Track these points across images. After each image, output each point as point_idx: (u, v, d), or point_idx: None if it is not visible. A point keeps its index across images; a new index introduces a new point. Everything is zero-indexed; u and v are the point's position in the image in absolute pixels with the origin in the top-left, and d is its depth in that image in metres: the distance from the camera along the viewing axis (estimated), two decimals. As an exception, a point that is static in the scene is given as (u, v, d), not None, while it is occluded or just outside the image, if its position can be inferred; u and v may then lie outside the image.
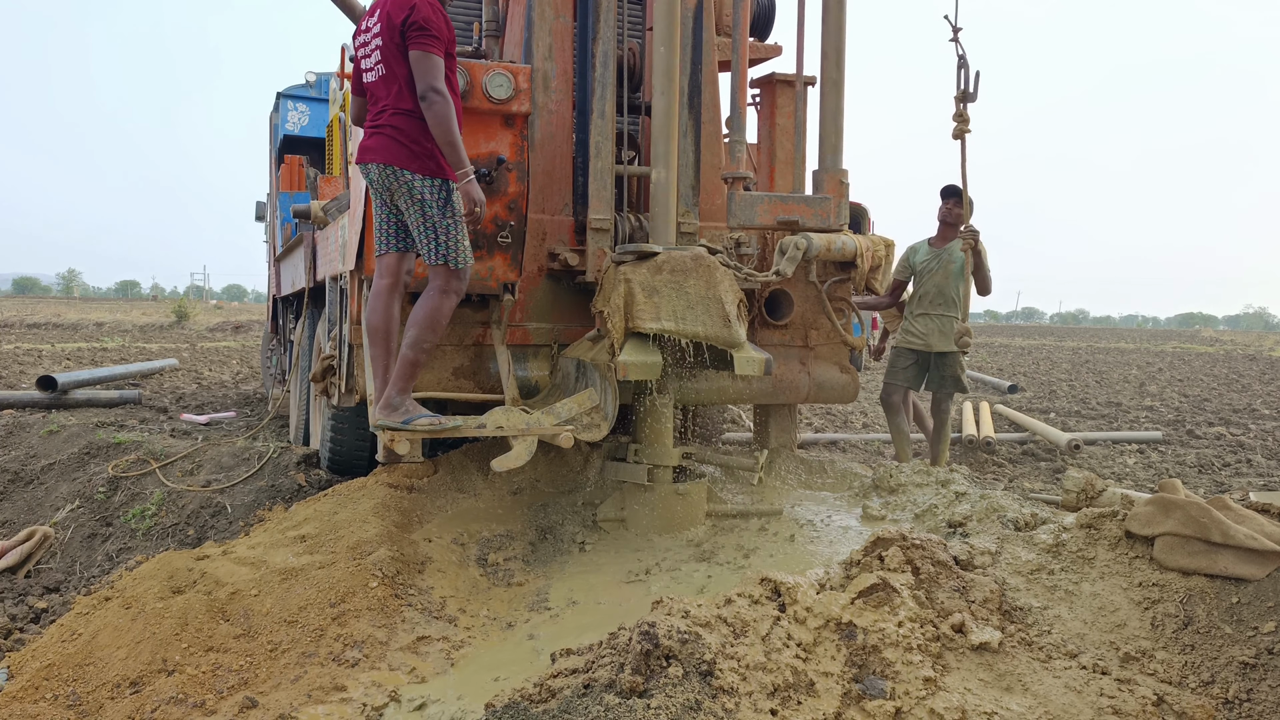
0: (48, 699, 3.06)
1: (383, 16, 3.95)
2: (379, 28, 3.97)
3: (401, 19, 3.85)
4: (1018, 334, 54.64)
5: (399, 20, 3.86)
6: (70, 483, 5.94)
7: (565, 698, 2.48)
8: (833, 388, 5.40)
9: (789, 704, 2.56)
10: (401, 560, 3.87)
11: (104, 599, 3.60)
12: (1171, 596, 3.09)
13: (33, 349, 18.19)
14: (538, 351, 4.98)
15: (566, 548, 4.34)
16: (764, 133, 5.80)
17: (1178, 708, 2.78)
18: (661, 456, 4.47)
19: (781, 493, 5.02)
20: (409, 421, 4.01)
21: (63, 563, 5.14)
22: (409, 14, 3.84)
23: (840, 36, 4.95)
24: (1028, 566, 3.28)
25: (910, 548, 3.16)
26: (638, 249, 4.22)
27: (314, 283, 6.35)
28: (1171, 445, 9.57)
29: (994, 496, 4.21)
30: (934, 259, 6.64)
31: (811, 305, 5.30)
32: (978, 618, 2.98)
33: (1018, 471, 7.94)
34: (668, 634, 2.57)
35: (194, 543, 4.91)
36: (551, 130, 4.99)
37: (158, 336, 26.76)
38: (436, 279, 4.08)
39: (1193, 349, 34.77)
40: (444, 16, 3.96)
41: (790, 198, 4.94)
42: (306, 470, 5.58)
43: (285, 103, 10.18)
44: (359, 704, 2.99)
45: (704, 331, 4.19)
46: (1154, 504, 3.29)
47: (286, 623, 3.40)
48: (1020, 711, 2.67)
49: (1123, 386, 16.57)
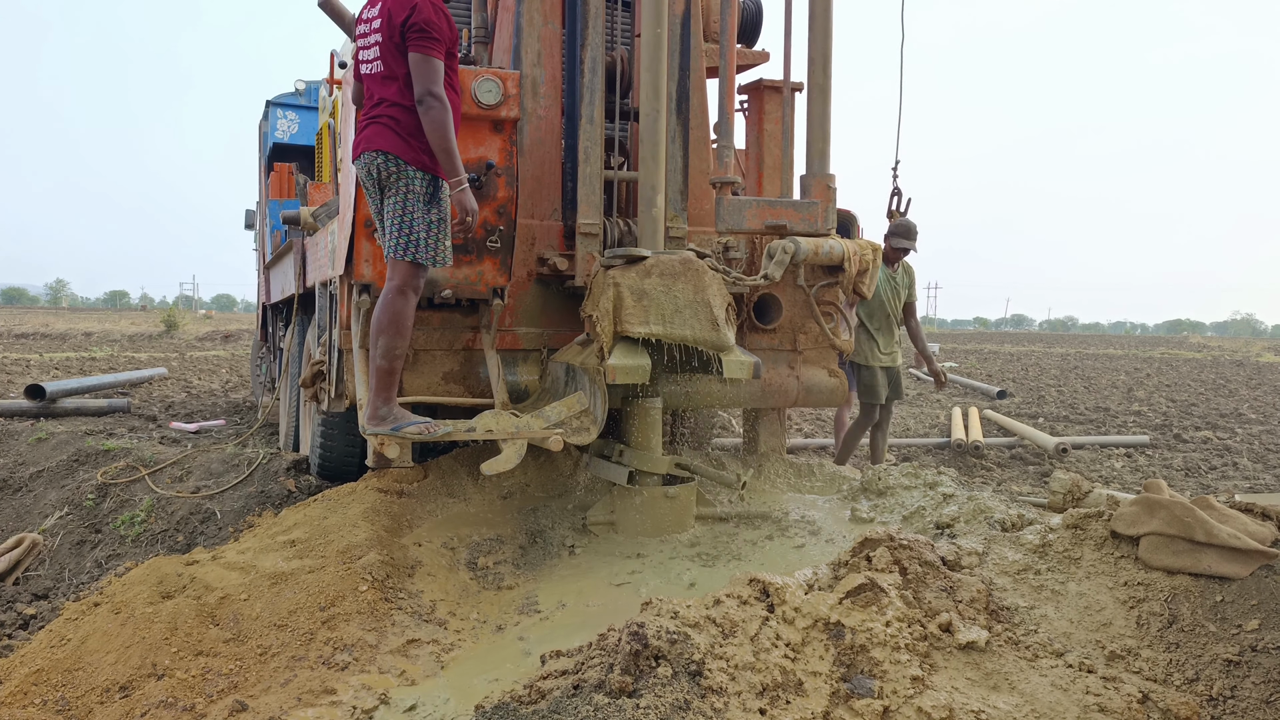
0: (37, 704, 3.05)
1: (384, 12, 3.85)
2: (379, 23, 3.87)
3: (402, 19, 3.77)
4: (1007, 340, 54.79)
5: (399, 20, 3.77)
6: (59, 490, 5.92)
7: (555, 698, 2.49)
8: (821, 391, 5.42)
9: (778, 703, 2.57)
10: (391, 564, 3.87)
11: (93, 604, 3.60)
12: (1156, 595, 3.11)
13: (21, 358, 18.08)
14: (527, 356, 4.99)
15: (556, 551, 4.35)
16: (752, 138, 5.83)
17: (1163, 705, 2.80)
18: (651, 464, 4.49)
19: (771, 496, 5.04)
20: (399, 428, 4.00)
21: (51, 569, 5.12)
22: (410, 14, 3.76)
23: (827, 43, 4.98)
24: (1014, 567, 3.30)
25: (898, 548, 3.18)
26: (627, 253, 4.24)
27: (304, 289, 6.36)
28: (1159, 449, 9.63)
29: (981, 498, 4.24)
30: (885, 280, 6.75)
31: (800, 309, 5.33)
32: (965, 617, 3.00)
33: (1006, 475, 7.98)
34: (657, 634, 2.58)
35: (183, 549, 4.91)
36: (540, 136, 5.01)
37: (147, 346, 26.63)
38: (396, 276, 3.93)
39: (1180, 355, 34.94)
40: (446, 17, 3.88)
41: (778, 202, 4.97)
42: (296, 476, 5.58)
43: (275, 111, 10.17)
44: (349, 707, 2.99)
45: (692, 335, 4.21)
46: (1139, 504, 3.32)
47: (276, 627, 3.40)
48: (1007, 709, 2.68)
49: (1110, 392, 16.65)
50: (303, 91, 10.29)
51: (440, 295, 4.46)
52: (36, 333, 31.70)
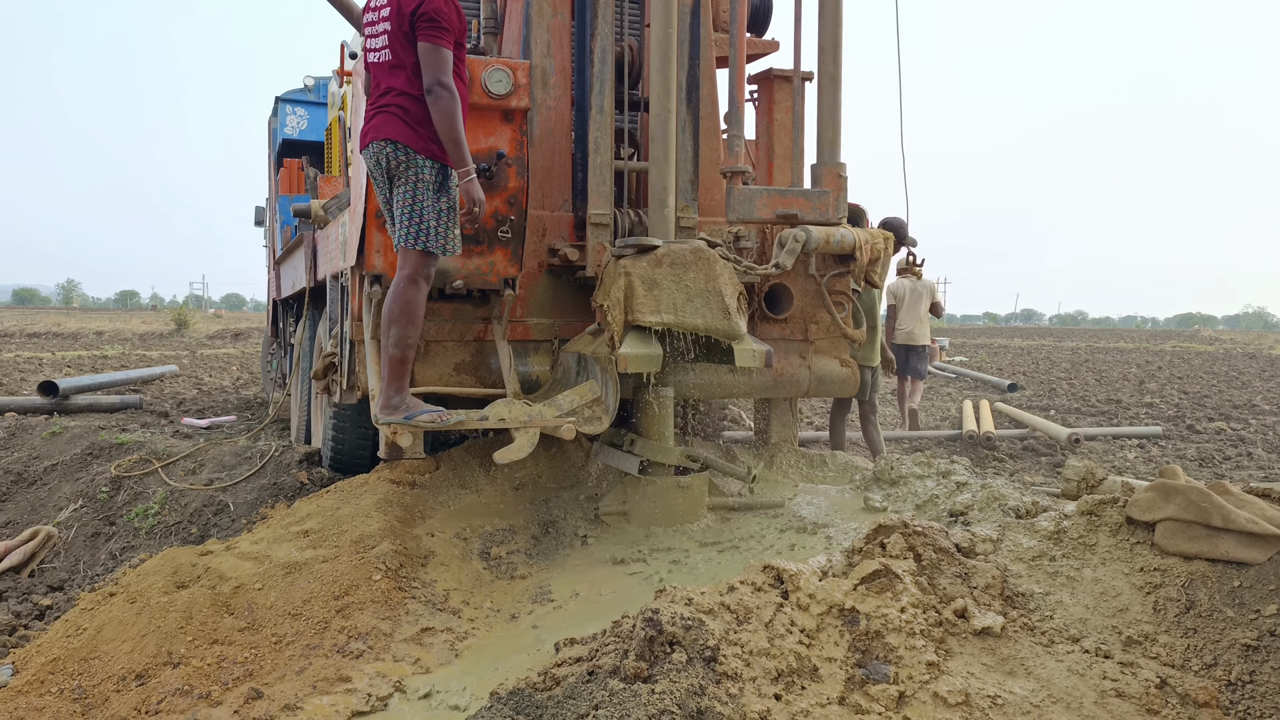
0: (53, 692, 3.06)
1: (393, 1, 3.85)
2: (388, 11, 3.86)
3: (412, 8, 3.76)
4: (1017, 335, 54.62)
5: (409, 9, 3.77)
6: (73, 483, 5.95)
7: (570, 684, 2.49)
8: (833, 381, 5.40)
9: (793, 689, 2.57)
10: (404, 554, 3.88)
11: (108, 594, 3.61)
12: (1173, 581, 3.10)
13: (34, 357, 18.17)
14: (539, 347, 4.99)
15: (569, 541, 4.35)
16: (762, 128, 5.81)
17: (1180, 690, 2.79)
18: (662, 454, 4.48)
19: (783, 485, 5.03)
20: (411, 417, 4.01)
21: (66, 562, 5.14)
22: (419, 3, 3.75)
23: (837, 31, 4.96)
24: (1029, 553, 3.29)
25: (912, 535, 3.17)
26: (638, 242, 4.23)
27: (314, 282, 6.37)
28: (1172, 440, 9.59)
29: (995, 486, 4.22)
30: None
31: (811, 299, 5.31)
32: (980, 603, 2.99)
33: (1018, 466, 7.95)
34: (671, 620, 2.58)
35: (197, 540, 4.92)
36: (550, 126, 5.00)
37: (158, 344, 26.74)
38: (406, 265, 3.94)
39: (1192, 348, 34.78)
40: (455, 7, 3.87)
41: (789, 191, 4.96)
42: (308, 468, 5.59)
43: (284, 107, 10.20)
44: (364, 694, 2.99)
45: (703, 324, 4.20)
46: (1155, 490, 3.29)
47: (290, 615, 3.41)
48: (1024, 694, 2.67)
49: (1122, 384, 16.58)
50: (312, 87, 10.32)
51: (451, 286, 4.46)
52: (49, 332, 31.87)
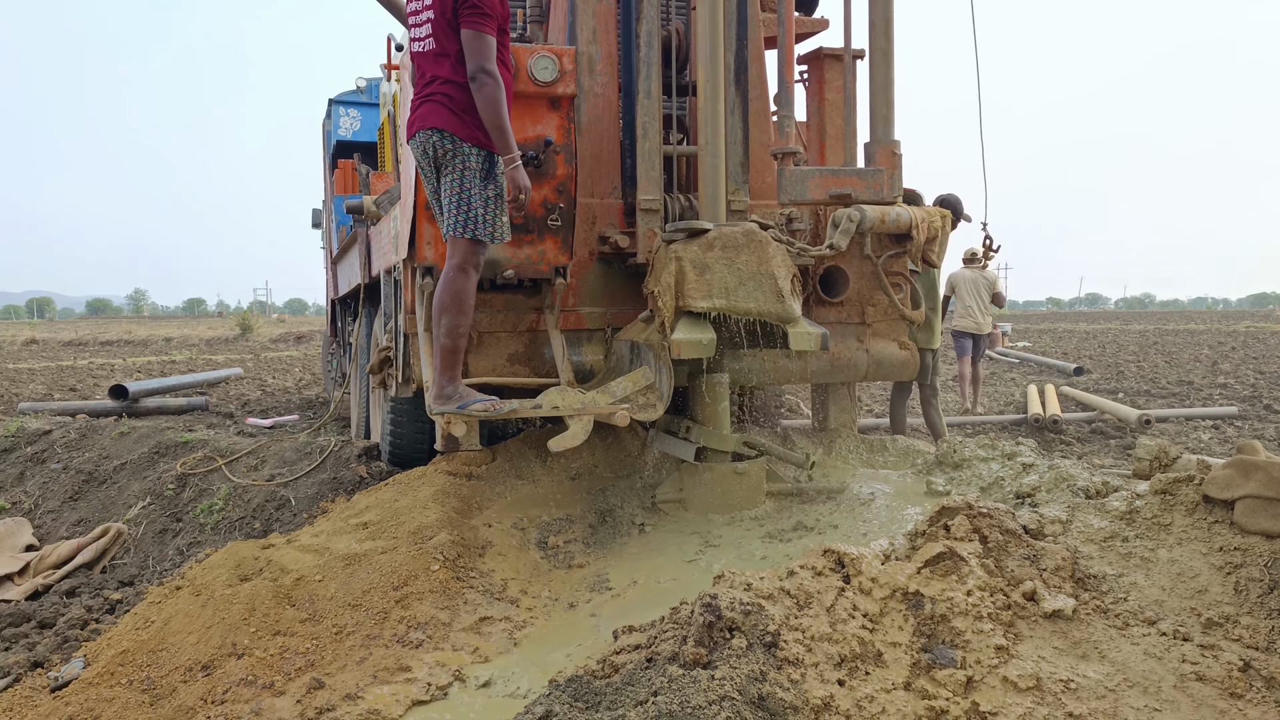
0: (123, 684, 3.12)
1: None
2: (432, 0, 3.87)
3: None
4: (1082, 319, 53.37)
5: None
6: (141, 481, 6.09)
7: (629, 671, 2.46)
8: (892, 364, 5.29)
9: (856, 674, 2.51)
10: (462, 544, 3.88)
11: (175, 588, 3.67)
12: (1255, 560, 2.96)
13: (106, 363, 18.74)
14: (591, 336, 4.97)
15: (626, 530, 4.32)
16: (813, 109, 5.72)
17: (1265, 673, 2.66)
18: (719, 441, 4.42)
19: (843, 471, 4.94)
20: (465, 406, 4.00)
21: (136, 557, 5.26)
22: None
23: (888, 5, 4.85)
24: (1101, 534, 3.17)
25: (977, 516, 3.07)
26: (688, 226, 4.17)
27: (369, 278, 6.43)
28: (1249, 420, 9.25)
29: (1063, 466, 4.09)
30: None
31: (868, 281, 5.21)
32: (1050, 585, 2.89)
33: (1086, 449, 7.74)
34: (730, 606, 2.53)
35: (260, 534, 5.00)
36: (598, 113, 4.97)
37: (223, 349, 27.38)
38: (456, 254, 3.94)
39: (1268, 328, 33.60)
40: None
41: (842, 171, 4.86)
42: (367, 463, 5.64)
43: (337, 109, 10.32)
44: (424, 683, 3.00)
45: (756, 308, 4.13)
46: (1233, 466, 3.15)
47: (351, 606, 3.43)
48: (1098, 679, 2.57)
49: (1194, 366, 16.06)
50: (364, 89, 10.43)
51: (503, 276, 4.45)
52: (120, 340, 32.82)
